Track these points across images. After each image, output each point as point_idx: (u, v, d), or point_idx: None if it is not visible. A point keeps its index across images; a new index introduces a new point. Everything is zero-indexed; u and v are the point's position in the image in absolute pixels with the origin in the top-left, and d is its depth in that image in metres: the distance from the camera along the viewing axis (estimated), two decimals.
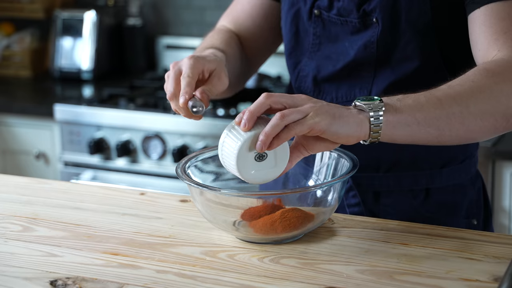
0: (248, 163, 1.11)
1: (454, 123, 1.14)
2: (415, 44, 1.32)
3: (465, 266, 1.09)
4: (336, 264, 1.11)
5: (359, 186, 1.39)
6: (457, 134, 1.16)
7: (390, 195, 1.39)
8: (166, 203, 1.36)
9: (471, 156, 1.43)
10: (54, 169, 2.80)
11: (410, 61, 1.33)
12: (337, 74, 1.38)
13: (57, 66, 3.14)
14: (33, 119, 2.79)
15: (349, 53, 1.36)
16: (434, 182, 1.40)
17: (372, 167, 1.39)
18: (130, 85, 2.95)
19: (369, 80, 1.36)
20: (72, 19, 3.14)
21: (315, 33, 1.40)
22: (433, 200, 1.40)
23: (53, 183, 1.48)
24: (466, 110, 1.14)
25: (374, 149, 1.36)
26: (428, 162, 1.39)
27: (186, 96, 1.19)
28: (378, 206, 1.40)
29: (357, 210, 1.39)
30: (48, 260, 1.15)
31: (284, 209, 1.18)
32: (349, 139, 1.10)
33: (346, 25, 1.37)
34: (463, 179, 1.42)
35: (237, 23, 1.52)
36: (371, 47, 1.34)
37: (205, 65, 1.24)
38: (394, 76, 1.34)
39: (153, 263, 1.13)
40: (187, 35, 3.18)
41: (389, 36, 1.33)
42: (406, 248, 1.16)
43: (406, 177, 1.39)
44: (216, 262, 1.12)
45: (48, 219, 1.30)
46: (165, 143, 2.60)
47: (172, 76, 1.23)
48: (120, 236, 1.22)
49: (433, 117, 1.13)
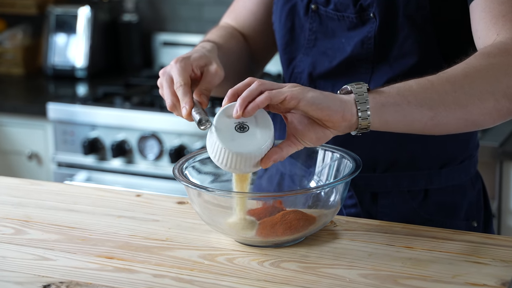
0: (228, 134, 1.11)
1: (449, 103, 1.12)
2: (414, 40, 1.32)
3: (472, 270, 1.09)
4: (338, 268, 1.11)
5: (356, 187, 1.39)
6: (455, 116, 1.13)
7: (388, 196, 1.39)
8: (163, 205, 1.35)
9: (471, 157, 1.43)
10: (47, 170, 2.80)
11: (408, 57, 1.33)
12: (334, 71, 1.39)
13: (50, 63, 3.14)
14: (26, 118, 2.79)
15: (346, 49, 1.37)
16: (433, 183, 1.40)
17: (369, 167, 1.39)
18: (125, 83, 2.95)
19: (366, 77, 1.36)
20: (65, 15, 3.14)
21: (311, 28, 1.41)
22: (432, 201, 1.40)
23: (46, 185, 1.48)
24: (461, 90, 1.12)
25: (371, 148, 1.36)
26: (427, 162, 1.39)
27: (187, 107, 1.20)
28: (376, 207, 1.40)
29: (354, 211, 1.39)
30: (41, 264, 1.15)
31: (284, 211, 1.18)
32: (332, 115, 1.08)
33: (343, 20, 1.37)
34: (462, 180, 1.42)
35: (240, 21, 1.52)
36: (368, 43, 1.35)
37: (193, 63, 1.26)
38: (392, 72, 1.34)
39: (149, 267, 1.13)
40: (185, 32, 3.18)
41: (386, 31, 1.33)
42: (411, 251, 1.16)
43: (404, 178, 1.39)
44: (214, 266, 1.12)
45: (41, 222, 1.30)
46: (162, 143, 2.60)
47: (166, 86, 1.24)
48: (116, 239, 1.22)
49: (424, 97, 1.12)
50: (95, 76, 3.13)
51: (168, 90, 1.23)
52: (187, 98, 1.20)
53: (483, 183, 1.49)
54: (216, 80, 1.28)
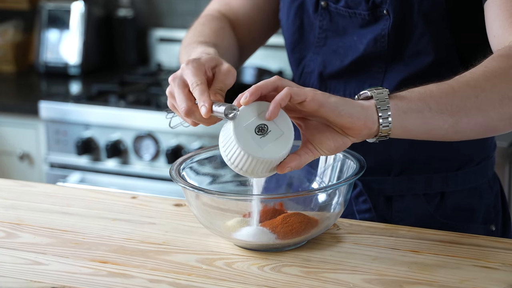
0: (247, 136, 1.08)
1: (470, 109, 1.11)
2: (429, 37, 1.32)
3: (481, 275, 1.09)
4: (341, 273, 1.11)
5: (369, 191, 1.39)
6: (476, 122, 1.12)
7: (403, 199, 1.39)
8: (159, 208, 1.36)
9: (488, 158, 1.43)
10: (39, 171, 2.80)
11: (423, 56, 1.33)
12: (345, 70, 1.38)
13: (42, 60, 3.14)
14: (17, 117, 2.79)
15: (358, 47, 1.36)
16: (449, 186, 1.40)
17: (383, 170, 1.38)
18: (120, 81, 2.96)
19: (379, 76, 1.36)
20: (58, 10, 3.14)
21: (321, 26, 1.40)
22: (448, 204, 1.40)
23: (38, 186, 1.48)
24: (482, 94, 1.11)
25: (385, 150, 1.36)
26: (443, 164, 1.39)
27: (206, 105, 1.13)
28: (390, 212, 1.39)
29: (368, 216, 1.39)
30: (32, 268, 1.15)
31: (286, 214, 1.18)
32: (354, 122, 1.06)
33: (355, 17, 1.37)
34: (479, 182, 1.42)
35: (232, 7, 1.51)
36: (381, 41, 1.34)
37: (206, 64, 1.21)
38: (407, 71, 1.34)
39: (145, 271, 1.13)
40: (182, 27, 3.18)
41: (401, 29, 1.33)
42: (417, 255, 1.16)
43: (420, 180, 1.39)
44: (213, 271, 1.12)
45: (32, 225, 1.30)
46: (158, 143, 2.60)
47: (179, 91, 1.18)
48: (110, 243, 1.22)
49: (445, 103, 1.10)
50: (89, 73, 3.13)
51: (181, 95, 1.17)
52: (204, 97, 1.14)
53: (501, 186, 1.48)
54: (230, 79, 1.22)
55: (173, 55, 3.16)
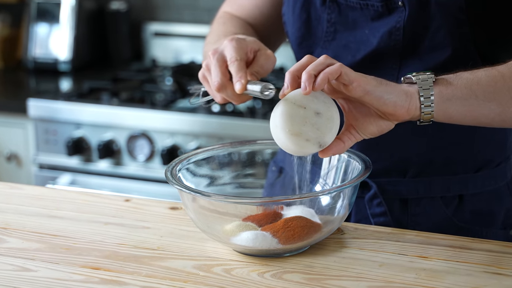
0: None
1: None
2: (446, 30, 1.31)
3: (492, 282, 1.09)
4: (346, 280, 1.11)
5: (384, 193, 1.39)
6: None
7: (420, 202, 1.39)
8: (154, 211, 1.36)
9: (507, 159, 1.43)
10: (28, 172, 2.80)
11: (440, 50, 1.33)
12: (357, 66, 1.37)
13: (31, 56, 3.14)
14: (4, 115, 2.80)
15: (371, 41, 1.36)
16: (468, 188, 1.39)
17: (398, 171, 1.38)
18: (113, 78, 2.96)
19: (394, 72, 1.35)
20: (47, 3, 3.14)
21: (330, 19, 1.40)
22: (466, 208, 1.40)
23: (26, 188, 1.49)
24: None
25: (401, 150, 1.35)
26: (462, 165, 1.38)
27: (242, 81, 1.20)
28: (406, 216, 1.39)
29: (383, 220, 1.38)
30: (20, 275, 1.15)
31: (287, 218, 1.18)
32: (397, 109, 1.12)
33: (367, 9, 1.36)
34: (498, 184, 1.42)
35: (243, 12, 1.52)
36: (396, 34, 1.34)
37: (248, 45, 1.26)
38: (423, 67, 1.33)
39: (139, 278, 1.13)
40: (178, 21, 3.18)
41: (417, 21, 1.32)
42: (425, 261, 1.16)
43: (437, 183, 1.38)
44: (210, 278, 1.13)
45: (20, 229, 1.30)
46: (153, 143, 2.60)
47: (215, 64, 1.23)
48: (102, 248, 1.22)
49: (492, 91, 1.15)
50: (80, 69, 3.14)
51: (218, 70, 1.22)
52: (241, 73, 1.21)
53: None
54: (270, 65, 1.28)
55: (168, 50, 3.17)
